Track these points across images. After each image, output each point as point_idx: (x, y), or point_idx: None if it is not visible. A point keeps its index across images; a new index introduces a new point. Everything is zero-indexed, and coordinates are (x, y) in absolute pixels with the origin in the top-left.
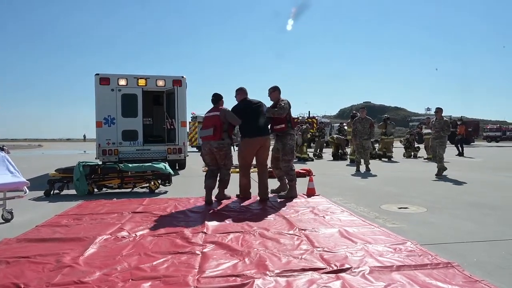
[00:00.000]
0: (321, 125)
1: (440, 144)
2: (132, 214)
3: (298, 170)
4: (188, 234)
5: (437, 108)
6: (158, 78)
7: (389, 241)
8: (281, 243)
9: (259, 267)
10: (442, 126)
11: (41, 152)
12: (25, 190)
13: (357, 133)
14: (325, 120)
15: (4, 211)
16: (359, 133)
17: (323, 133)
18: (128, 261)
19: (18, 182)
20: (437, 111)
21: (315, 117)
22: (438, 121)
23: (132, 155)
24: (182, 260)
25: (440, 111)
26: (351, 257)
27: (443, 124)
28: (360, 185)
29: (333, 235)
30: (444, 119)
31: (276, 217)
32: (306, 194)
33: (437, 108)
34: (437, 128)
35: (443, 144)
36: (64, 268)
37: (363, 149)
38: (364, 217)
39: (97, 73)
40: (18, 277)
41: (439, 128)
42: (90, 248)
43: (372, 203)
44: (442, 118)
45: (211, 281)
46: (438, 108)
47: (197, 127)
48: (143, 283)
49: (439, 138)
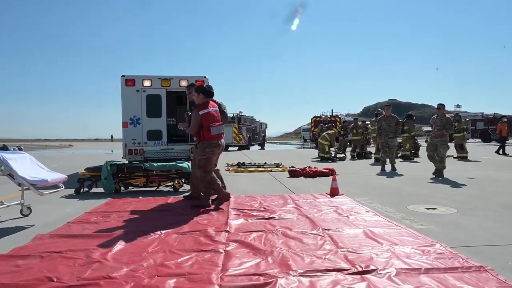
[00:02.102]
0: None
1: (441, 143)
2: (157, 212)
3: (321, 169)
4: (211, 233)
5: (439, 104)
6: (181, 79)
7: (416, 242)
8: (304, 243)
9: (282, 267)
10: (444, 124)
11: (71, 152)
12: (62, 186)
13: (382, 131)
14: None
15: (23, 206)
16: (384, 132)
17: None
18: (154, 258)
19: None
20: (439, 107)
21: (338, 116)
22: (440, 118)
23: (156, 155)
24: (205, 258)
25: (442, 108)
26: (377, 258)
27: (445, 122)
28: (385, 184)
29: (357, 236)
30: (446, 116)
31: (298, 217)
32: (330, 193)
33: (439, 104)
34: (439, 126)
35: (445, 143)
36: (93, 263)
37: (388, 148)
38: (390, 217)
39: (123, 75)
40: (51, 271)
41: (441, 126)
42: (117, 245)
43: (398, 203)
44: (444, 115)
45: (234, 279)
46: (440, 104)
47: None
48: (168, 279)
49: (440, 137)
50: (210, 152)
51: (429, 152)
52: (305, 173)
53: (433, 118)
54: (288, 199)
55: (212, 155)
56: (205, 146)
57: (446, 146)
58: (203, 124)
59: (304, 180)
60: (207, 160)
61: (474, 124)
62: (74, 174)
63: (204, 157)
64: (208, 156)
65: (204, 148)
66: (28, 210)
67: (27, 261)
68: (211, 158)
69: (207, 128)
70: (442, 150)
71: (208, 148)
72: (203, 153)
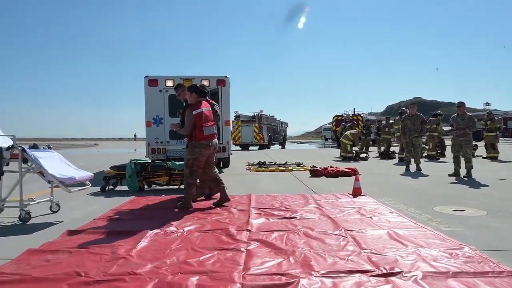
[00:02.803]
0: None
1: (466, 142)
2: (179, 210)
3: (343, 169)
4: (233, 231)
5: (460, 102)
6: (202, 78)
7: (444, 245)
8: (326, 243)
9: (304, 267)
10: (466, 122)
11: (97, 151)
12: (88, 183)
13: (407, 130)
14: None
15: (52, 203)
16: (409, 131)
17: (370, 131)
18: (177, 255)
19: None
20: (460, 106)
21: (360, 115)
22: (461, 117)
23: (178, 154)
24: (227, 256)
25: (463, 106)
26: (402, 260)
27: (467, 120)
28: (410, 185)
29: (381, 237)
30: (468, 115)
31: (320, 217)
32: (352, 193)
33: (460, 102)
34: (461, 125)
35: (470, 142)
36: (119, 259)
37: (413, 147)
38: (415, 219)
39: (146, 75)
40: (79, 266)
41: (463, 125)
42: (141, 242)
43: (423, 204)
44: (465, 113)
45: (256, 279)
46: (460, 102)
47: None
48: (191, 277)
49: (464, 136)
50: (199, 152)
51: (454, 153)
52: (326, 172)
53: (453, 117)
54: (309, 199)
55: (200, 155)
56: (194, 146)
57: (471, 145)
58: (196, 124)
59: (325, 180)
60: (194, 160)
61: (505, 123)
62: (100, 172)
63: (193, 157)
64: (196, 156)
65: (194, 148)
66: (57, 206)
67: (56, 255)
68: (199, 159)
69: (200, 128)
70: (468, 150)
71: (197, 148)
72: (192, 152)
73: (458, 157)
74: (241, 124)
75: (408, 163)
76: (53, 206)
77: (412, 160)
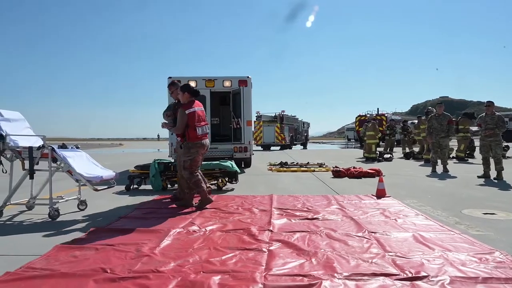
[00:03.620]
0: (392, 123)
1: (496, 143)
2: (201, 210)
3: (366, 170)
4: (254, 231)
5: (488, 101)
6: (225, 79)
7: (472, 249)
8: (349, 245)
9: (327, 269)
10: (496, 122)
11: (121, 151)
12: (114, 182)
13: (433, 130)
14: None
15: (80, 201)
16: (435, 131)
17: (394, 131)
18: (199, 254)
19: (111, 174)
20: (488, 105)
21: (384, 114)
22: (491, 116)
23: None
24: (249, 256)
25: (491, 105)
26: (428, 264)
27: (497, 120)
28: (436, 187)
29: (406, 240)
30: (497, 114)
31: (343, 218)
32: (376, 195)
33: (488, 101)
34: (490, 124)
35: (500, 143)
36: (143, 257)
37: (439, 148)
38: (442, 222)
39: (170, 76)
40: (105, 263)
41: (492, 124)
42: (165, 240)
43: (451, 207)
44: (494, 113)
45: (278, 279)
46: (489, 101)
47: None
48: (213, 276)
49: (493, 136)
50: (195, 153)
51: (483, 154)
52: (349, 173)
53: (481, 117)
54: (332, 200)
55: (197, 156)
56: (189, 147)
57: (501, 146)
58: (189, 123)
59: (348, 180)
60: (192, 161)
61: None
62: (125, 172)
63: (190, 158)
64: (193, 157)
65: (189, 148)
66: (84, 204)
67: (84, 252)
68: (196, 159)
69: (193, 128)
70: (498, 151)
71: (193, 148)
72: (188, 153)
73: (487, 158)
74: (263, 124)
75: (435, 164)
76: (80, 204)
77: (438, 161)
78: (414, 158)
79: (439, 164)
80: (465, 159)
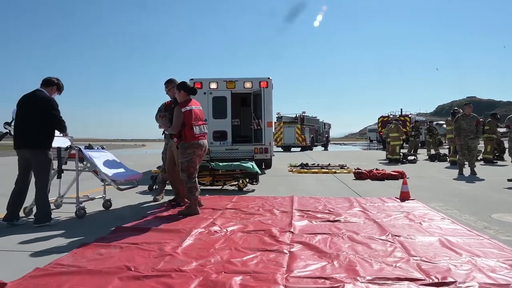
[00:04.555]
0: (417, 124)
1: None
2: (223, 210)
3: (389, 172)
4: (275, 233)
5: None
6: (245, 80)
7: (502, 255)
8: (372, 248)
9: (349, 272)
10: None
11: (144, 151)
12: (137, 182)
13: (461, 131)
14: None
15: (105, 200)
16: (464, 132)
17: (419, 132)
18: (221, 255)
19: (135, 174)
20: None
21: (408, 115)
22: None
23: (221, 155)
24: (270, 257)
25: None
26: (455, 270)
27: None
28: (464, 190)
29: (432, 244)
30: None
31: (366, 221)
32: (399, 197)
33: None
34: None
35: None
36: (166, 256)
37: (467, 150)
38: (470, 226)
39: (191, 78)
40: (129, 261)
41: None
42: (187, 240)
43: (479, 211)
44: None
45: (300, 281)
46: None
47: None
48: (234, 276)
49: None
50: (192, 154)
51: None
52: (372, 175)
53: (510, 118)
54: (354, 202)
55: (194, 156)
56: (186, 147)
57: None
58: (185, 122)
59: (371, 182)
60: (189, 162)
61: None
62: (147, 172)
63: (186, 159)
64: (190, 158)
65: (185, 149)
66: (109, 203)
67: (109, 250)
68: (193, 160)
69: (190, 127)
70: None
71: (189, 149)
72: (185, 154)
73: None
74: (283, 125)
75: (462, 166)
76: (105, 203)
77: (466, 164)
78: (440, 160)
79: (466, 167)
80: (493, 161)
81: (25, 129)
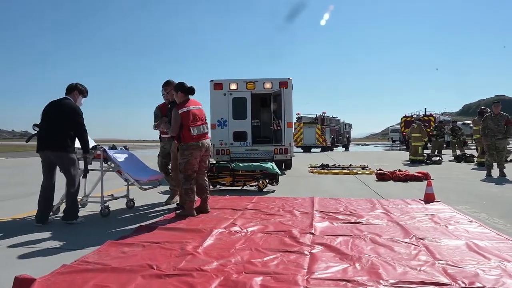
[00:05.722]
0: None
1: None
2: (243, 211)
3: (413, 173)
4: (296, 234)
5: None
6: (265, 81)
7: None
8: (395, 251)
9: (372, 275)
10: None
11: None
12: (159, 182)
13: (489, 132)
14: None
15: (128, 200)
16: (491, 132)
17: (443, 132)
18: (241, 255)
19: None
20: None
21: (432, 115)
22: None
23: (242, 155)
24: (291, 259)
25: None
26: (484, 275)
27: None
28: (492, 192)
29: (458, 248)
30: None
31: (388, 223)
32: (424, 199)
33: None
34: None
35: None
36: (187, 255)
37: (496, 151)
38: (499, 230)
39: (212, 79)
40: (152, 259)
41: None
42: (208, 240)
43: (509, 214)
44: None
45: (321, 283)
46: None
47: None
48: (255, 277)
49: None
50: (189, 155)
51: None
52: (394, 176)
53: None
54: (376, 204)
55: (191, 158)
56: (184, 149)
57: None
58: (183, 123)
59: (393, 184)
60: (187, 164)
61: None
62: None
63: (184, 161)
64: (187, 160)
65: (183, 150)
66: (132, 203)
67: (132, 248)
68: (191, 162)
69: (187, 128)
70: None
71: (186, 150)
72: (183, 156)
73: None
74: (303, 126)
75: (490, 168)
76: (128, 202)
77: (494, 165)
78: (466, 161)
79: (494, 168)
80: None
81: (49, 132)
